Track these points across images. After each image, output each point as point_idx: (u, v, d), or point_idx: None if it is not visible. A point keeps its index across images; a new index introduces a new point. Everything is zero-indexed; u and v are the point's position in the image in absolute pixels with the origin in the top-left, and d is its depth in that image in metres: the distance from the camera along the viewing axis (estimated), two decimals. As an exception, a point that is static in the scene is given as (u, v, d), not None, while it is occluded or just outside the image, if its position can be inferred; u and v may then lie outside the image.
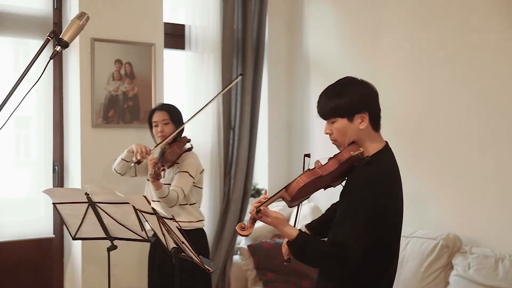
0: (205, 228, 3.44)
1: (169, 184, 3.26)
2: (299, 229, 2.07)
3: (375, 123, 2.10)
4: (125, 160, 3.33)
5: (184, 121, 3.43)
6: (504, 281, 3.19)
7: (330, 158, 2.08)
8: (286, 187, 2.06)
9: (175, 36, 4.33)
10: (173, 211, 3.23)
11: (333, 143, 2.12)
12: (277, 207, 4.58)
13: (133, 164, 3.26)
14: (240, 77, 4.08)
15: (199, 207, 3.43)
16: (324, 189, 2.14)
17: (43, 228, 3.94)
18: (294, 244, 2.02)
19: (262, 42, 4.59)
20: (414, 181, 3.83)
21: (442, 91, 3.72)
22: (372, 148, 2.07)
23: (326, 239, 2.08)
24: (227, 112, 4.43)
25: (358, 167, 2.03)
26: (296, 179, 2.05)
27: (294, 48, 4.85)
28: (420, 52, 3.85)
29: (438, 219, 3.72)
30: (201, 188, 3.43)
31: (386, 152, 2.10)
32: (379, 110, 2.12)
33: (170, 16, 4.49)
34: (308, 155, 2.16)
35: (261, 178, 4.87)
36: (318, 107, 2.13)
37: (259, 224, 4.43)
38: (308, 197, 2.15)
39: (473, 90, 3.57)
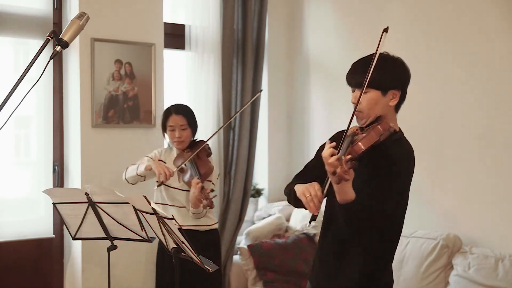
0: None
1: (186, 190, 3.23)
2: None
3: (401, 104, 2.13)
4: (140, 176, 3.25)
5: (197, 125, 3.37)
6: (504, 281, 3.19)
7: (373, 126, 2.00)
8: (353, 144, 1.92)
9: (175, 36, 4.33)
10: (186, 216, 3.23)
11: (356, 114, 2.04)
12: (277, 207, 4.58)
13: (156, 187, 3.22)
14: (260, 92, 3.91)
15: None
16: None
17: (43, 228, 3.93)
18: (353, 206, 1.92)
19: (262, 42, 4.59)
20: (414, 181, 3.82)
21: (442, 91, 3.72)
22: (394, 126, 2.08)
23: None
24: (227, 112, 4.43)
25: (397, 140, 2.05)
26: (363, 137, 1.93)
27: (294, 48, 4.85)
28: (420, 52, 3.85)
29: (438, 219, 3.72)
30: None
31: (402, 132, 2.17)
32: (406, 93, 2.13)
33: (170, 16, 4.49)
34: (386, 30, 2.06)
35: (261, 178, 4.87)
36: (351, 75, 2.12)
37: (259, 224, 4.43)
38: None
39: (473, 90, 3.57)
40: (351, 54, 2.34)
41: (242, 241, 4.37)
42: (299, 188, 2.04)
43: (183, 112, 3.29)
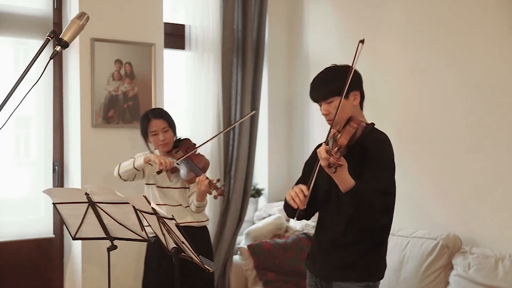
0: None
1: (179, 188, 3.33)
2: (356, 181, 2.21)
3: (362, 101, 2.44)
4: (137, 169, 3.29)
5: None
6: (504, 281, 3.19)
7: (346, 125, 2.27)
8: (336, 141, 2.18)
9: (175, 36, 4.33)
10: (181, 213, 3.28)
11: (329, 123, 2.36)
12: (277, 207, 4.58)
13: (154, 173, 3.27)
14: (253, 112, 3.97)
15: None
16: None
17: (43, 228, 3.94)
18: (352, 192, 2.18)
19: (262, 42, 4.59)
20: (414, 181, 3.83)
21: (441, 91, 3.72)
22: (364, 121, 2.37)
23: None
24: (227, 112, 4.43)
25: (370, 132, 2.31)
26: (342, 133, 2.21)
27: (294, 48, 4.85)
28: (419, 52, 3.85)
29: (438, 219, 3.72)
30: None
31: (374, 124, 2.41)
32: (363, 91, 2.45)
33: (170, 16, 4.49)
34: (362, 41, 2.27)
35: (261, 178, 4.87)
36: (313, 92, 2.42)
37: (259, 224, 4.43)
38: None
39: (473, 90, 3.57)
40: (351, 54, 2.35)
41: (242, 241, 4.37)
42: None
43: (162, 115, 3.36)
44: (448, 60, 3.69)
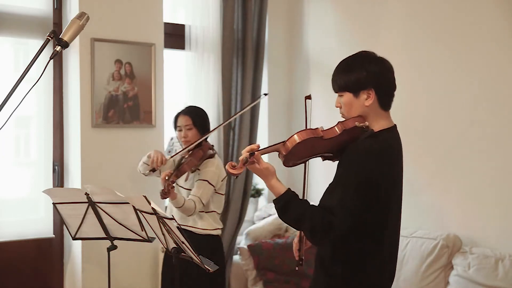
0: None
1: (189, 189, 3.24)
2: (288, 187, 2.02)
3: (384, 101, 2.08)
4: (146, 164, 3.30)
5: (209, 127, 3.37)
6: (504, 281, 3.19)
7: (335, 125, 2.05)
8: (284, 141, 2.00)
9: (175, 36, 4.33)
10: (190, 218, 3.21)
11: (342, 117, 2.12)
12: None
13: (148, 171, 3.24)
14: (265, 96, 3.92)
15: (219, 213, 3.34)
16: (322, 160, 2.12)
17: (43, 228, 3.93)
18: (280, 200, 2.00)
19: (262, 42, 4.59)
20: (414, 181, 3.82)
21: (443, 91, 3.72)
22: (378, 126, 2.06)
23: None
24: (227, 112, 4.43)
25: (360, 139, 2.02)
26: (295, 133, 2.00)
27: (294, 48, 4.85)
28: (420, 51, 3.85)
29: (438, 219, 3.72)
30: (223, 194, 3.35)
31: (391, 131, 2.10)
32: (390, 88, 2.11)
33: (170, 16, 4.49)
34: (309, 97, 2.17)
35: (261, 178, 4.86)
36: (332, 80, 2.15)
37: (259, 224, 4.43)
38: (304, 162, 2.12)
39: (474, 89, 3.57)
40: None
41: (242, 241, 4.37)
42: None
43: (189, 112, 3.33)
44: (450, 58, 3.69)
